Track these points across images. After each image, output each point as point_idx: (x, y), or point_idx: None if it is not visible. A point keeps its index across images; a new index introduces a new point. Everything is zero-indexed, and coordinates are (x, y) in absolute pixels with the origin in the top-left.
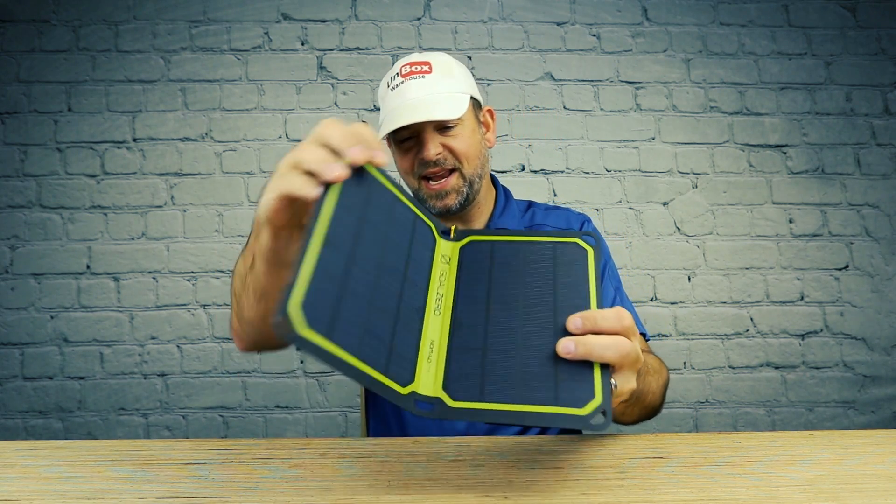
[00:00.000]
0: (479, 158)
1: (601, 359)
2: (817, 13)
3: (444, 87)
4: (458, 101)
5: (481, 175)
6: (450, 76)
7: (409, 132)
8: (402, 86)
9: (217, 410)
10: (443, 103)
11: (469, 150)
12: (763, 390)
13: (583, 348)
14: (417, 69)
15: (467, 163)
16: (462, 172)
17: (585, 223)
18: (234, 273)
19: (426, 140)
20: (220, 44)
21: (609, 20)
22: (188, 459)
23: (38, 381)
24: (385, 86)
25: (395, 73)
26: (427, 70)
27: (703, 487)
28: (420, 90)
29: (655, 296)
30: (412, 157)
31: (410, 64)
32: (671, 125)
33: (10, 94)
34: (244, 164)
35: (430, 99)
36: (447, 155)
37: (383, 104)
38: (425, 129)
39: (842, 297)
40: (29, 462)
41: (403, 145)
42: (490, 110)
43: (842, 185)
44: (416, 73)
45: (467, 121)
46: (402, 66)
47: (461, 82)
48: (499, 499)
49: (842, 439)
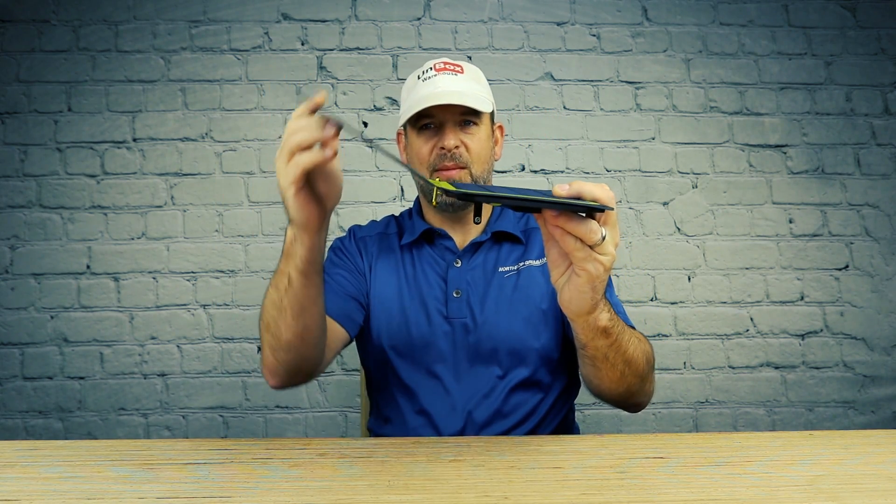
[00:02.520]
0: (487, 163)
1: (591, 194)
2: (817, 13)
3: (475, 88)
4: (485, 102)
5: (486, 180)
6: (479, 83)
7: (432, 120)
8: (436, 78)
9: (217, 410)
10: (474, 97)
11: (481, 152)
12: (763, 390)
13: (576, 186)
14: (451, 67)
15: (478, 163)
16: (471, 171)
17: None
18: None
19: (448, 130)
20: (220, 44)
21: (609, 20)
22: (188, 459)
23: (38, 381)
24: (415, 78)
25: (428, 68)
26: (460, 70)
27: (703, 487)
28: (453, 83)
29: (655, 296)
30: (431, 145)
31: (445, 62)
32: (671, 125)
33: (10, 94)
34: (244, 164)
35: (464, 92)
36: (463, 151)
37: (410, 93)
38: (449, 121)
39: (842, 297)
40: (29, 462)
41: (423, 133)
42: (501, 127)
43: (842, 185)
44: (450, 70)
45: (485, 126)
46: (434, 63)
47: (487, 91)
48: (499, 499)
49: (842, 439)
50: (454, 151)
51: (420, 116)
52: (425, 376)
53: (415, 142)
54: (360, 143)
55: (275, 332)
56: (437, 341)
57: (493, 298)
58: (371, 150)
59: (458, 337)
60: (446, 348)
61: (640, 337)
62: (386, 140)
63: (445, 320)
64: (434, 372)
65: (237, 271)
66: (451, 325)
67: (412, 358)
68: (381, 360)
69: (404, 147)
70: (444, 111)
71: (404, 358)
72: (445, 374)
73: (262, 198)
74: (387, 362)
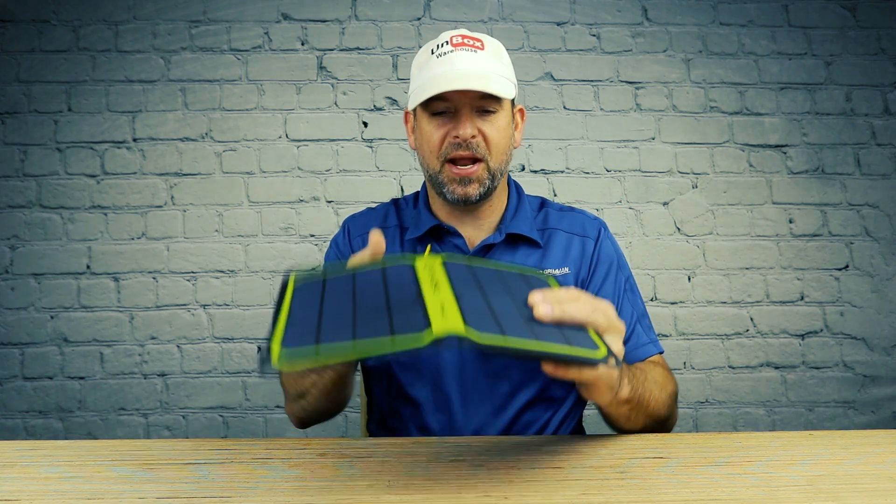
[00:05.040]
0: (505, 154)
1: (573, 318)
2: (817, 13)
3: (496, 67)
4: (507, 86)
5: (503, 172)
6: (500, 60)
7: (447, 105)
8: (452, 54)
9: (217, 410)
10: (495, 80)
11: (500, 143)
12: (763, 390)
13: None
14: (470, 42)
15: (496, 154)
16: (488, 165)
17: (603, 230)
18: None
19: (464, 117)
20: (220, 44)
21: (609, 20)
22: (188, 459)
23: (38, 381)
24: (428, 52)
25: (444, 42)
26: (479, 46)
27: (703, 487)
28: (471, 63)
29: (655, 296)
30: (444, 133)
31: (462, 36)
32: (671, 125)
33: (10, 94)
34: (244, 164)
35: (483, 73)
36: (480, 141)
37: (422, 71)
38: (465, 106)
39: (842, 297)
40: (29, 462)
41: (436, 118)
42: (522, 110)
43: (842, 185)
44: (469, 45)
45: (506, 112)
46: (452, 37)
47: (509, 70)
48: (499, 499)
49: (842, 439)
50: (470, 141)
51: (433, 99)
52: (431, 390)
53: (425, 127)
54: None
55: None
56: (443, 352)
57: None
58: (371, 150)
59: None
60: (452, 360)
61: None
62: (386, 140)
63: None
64: (439, 385)
65: (237, 271)
66: None
67: (417, 370)
68: (384, 371)
69: (412, 129)
70: (460, 95)
71: (408, 370)
72: (451, 388)
73: (262, 198)
74: (391, 375)
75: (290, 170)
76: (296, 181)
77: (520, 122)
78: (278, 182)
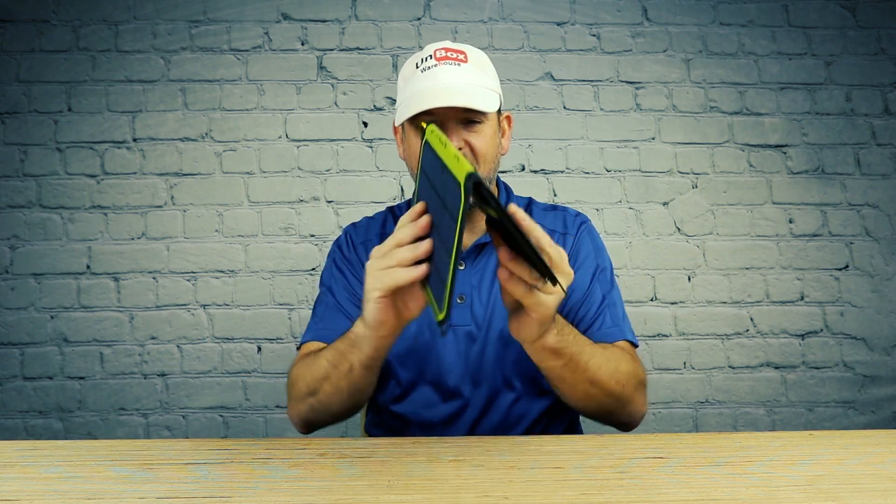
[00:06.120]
0: (493, 162)
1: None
2: (817, 13)
3: (479, 79)
4: (490, 97)
5: (491, 179)
6: (483, 71)
7: (433, 119)
8: (436, 69)
9: (217, 410)
10: (478, 94)
11: (488, 152)
12: (763, 390)
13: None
14: (453, 55)
15: (483, 164)
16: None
17: (583, 225)
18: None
19: (450, 130)
20: (220, 44)
21: (609, 20)
22: (188, 459)
23: (38, 381)
24: (412, 66)
25: (428, 56)
26: (463, 59)
27: (703, 487)
28: (455, 76)
29: (655, 296)
30: None
31: (446, 49)
32: (671, 125)
33: (10, 94)
34: (244, 164)
35: (466, 87)
36: (467, 152)
37: (407, 84)
38: (451, 120)
39: (842, 297)
40: (29, 462)
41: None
42: (509, 116)
43: (842, 185)
44: (452, 59)
45: (491, 121)
46: (435, 50)
47: (493, 80)
48: (499, 499)
49: (842, 439)
50: None
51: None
52: (429, 387)
53: (413, 141)
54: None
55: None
56: (441, 350)
57: (498, 304)
58: (371, 150)
59: (461, 345)
60: (450, 358)
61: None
62: (386, 140)
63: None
64: (438, 382)
65: (237, 271)
66: (454, 332)
67: (417, 369)
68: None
69: (401, 141)
70: (445, 109)
71: (408, 368)
72: (449, 384)
73: (262, 198)
74: (391, 374)
75: (290, 170)
76: (296, 181)
77: (507, 128)
78: (278, 182)
